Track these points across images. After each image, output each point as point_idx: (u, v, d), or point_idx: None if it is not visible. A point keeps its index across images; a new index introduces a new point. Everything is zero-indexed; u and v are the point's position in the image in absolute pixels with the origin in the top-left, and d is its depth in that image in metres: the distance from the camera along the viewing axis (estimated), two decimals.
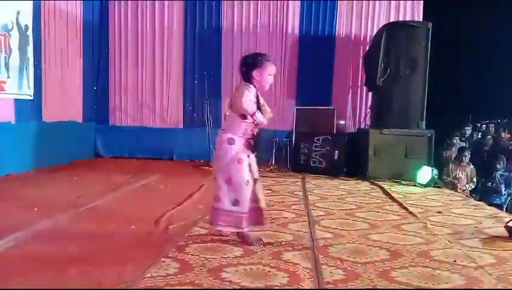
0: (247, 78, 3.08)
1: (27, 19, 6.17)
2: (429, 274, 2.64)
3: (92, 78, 8.12)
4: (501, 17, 7.83)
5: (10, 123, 5.96)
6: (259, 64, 3.05)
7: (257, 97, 3.07)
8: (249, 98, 2.98)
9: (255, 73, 3.04)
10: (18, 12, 5.98)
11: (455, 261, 2.88)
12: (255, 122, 3.06)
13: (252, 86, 3.05)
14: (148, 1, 8.18)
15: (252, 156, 3.15)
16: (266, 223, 3.24)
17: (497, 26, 8.00)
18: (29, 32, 6.23)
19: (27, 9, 6.16)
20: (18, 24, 6.00)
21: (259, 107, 3.05)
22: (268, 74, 3.08)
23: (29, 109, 6.35)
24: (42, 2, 6.48)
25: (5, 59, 5.80)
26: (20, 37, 6.04)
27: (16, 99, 6.06)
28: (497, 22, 7.93)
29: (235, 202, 3.04)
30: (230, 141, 3.04)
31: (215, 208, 3.11)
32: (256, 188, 3.14)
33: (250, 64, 3.07)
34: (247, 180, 3.05)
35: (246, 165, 3.06)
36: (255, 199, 3.13)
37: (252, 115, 2.99)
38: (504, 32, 8.00)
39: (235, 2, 8.13)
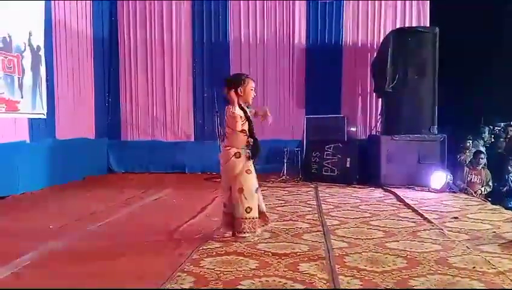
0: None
1: (39, 40, 6.30)
2: (448, 282, 2.60)
3: (103, 95, 8.25)
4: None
5: (25, 142, 6.06)
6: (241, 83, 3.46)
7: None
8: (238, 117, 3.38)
9: (240, 90, 3.45)
10: (30, 34, 6.11)
11: (474, 267, 2.83)
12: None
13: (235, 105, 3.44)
14: (156, 17, 8.30)
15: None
16: (270, 222, 3.73)
17: (506, 25, 7.91)
18: (42, 52, 6.36)
19: (39, 30, 6.30)
20: (30, 45, 6.13)
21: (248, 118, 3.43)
22: (250, 89, 3.50)
23: (43, 127, 6.45)
24: (54, 22, 6.61)
25: (19, 80, 5.91)
26: (32, 58, 6.16)
27: (30, 119, 6.17)
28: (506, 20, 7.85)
29: (248, 209, 3.40)
30: (237, 155, 3.42)
31: (237, 219, 3.42)
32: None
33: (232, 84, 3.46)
34: (257, 188, 3.48)
35: (254, 175, 3.47)
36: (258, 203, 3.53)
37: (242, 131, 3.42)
38: None
39: (242, 14, 8.22)
